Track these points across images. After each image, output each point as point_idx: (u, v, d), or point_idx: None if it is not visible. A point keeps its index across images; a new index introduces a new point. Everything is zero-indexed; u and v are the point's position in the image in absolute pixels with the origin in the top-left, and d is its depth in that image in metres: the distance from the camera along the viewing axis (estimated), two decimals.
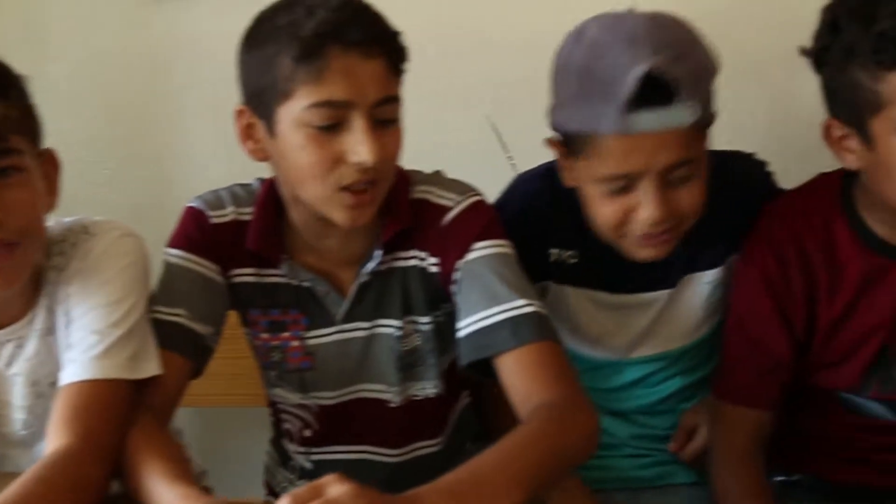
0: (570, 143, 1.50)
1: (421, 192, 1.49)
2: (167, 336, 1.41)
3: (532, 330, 1.37)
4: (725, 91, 1.59)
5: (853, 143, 1.44)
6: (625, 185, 1.46)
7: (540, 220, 1.56)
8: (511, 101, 1.99)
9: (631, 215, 1.48)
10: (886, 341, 1.54)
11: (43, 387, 1.45)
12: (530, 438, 1.26)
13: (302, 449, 1.60)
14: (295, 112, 1.34)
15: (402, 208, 1.47)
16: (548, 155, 1.60)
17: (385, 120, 1.36)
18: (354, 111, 1.33)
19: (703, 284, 1.63)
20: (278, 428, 1.64)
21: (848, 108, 1.42)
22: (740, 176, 1.62)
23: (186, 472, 1.28)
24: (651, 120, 1.40)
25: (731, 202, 1.58)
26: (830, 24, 1.42)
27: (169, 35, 2.15)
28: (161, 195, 2.13)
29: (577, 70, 1.45)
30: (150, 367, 1.38)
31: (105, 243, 1.45)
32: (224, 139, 1.56)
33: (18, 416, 1.47)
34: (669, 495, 1.71)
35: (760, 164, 1.68)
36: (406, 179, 1.50)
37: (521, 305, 1.38)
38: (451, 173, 1.61)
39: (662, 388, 1.70)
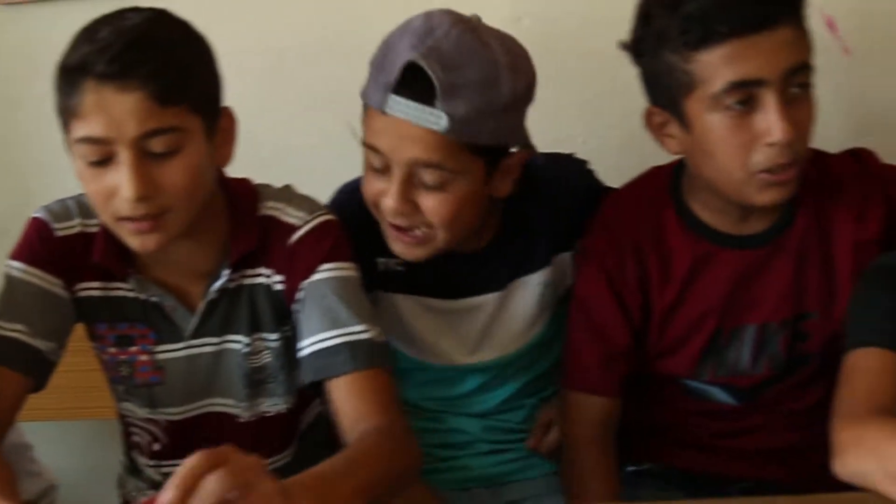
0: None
1: (270, 208, 1.49)
2: (2, 352, 1.40)
3: (367, 357, 1.40)
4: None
5: (673, 128, 1.50)
6: (382, 166, 1.49)
7: (365, 231, 1.56)
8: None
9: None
10: (718, 326, 1.60)
11: None
12: (372, 455, 1.28)
13: (152, 462, 1.60)
14: (71, 143, 1.34)
15: (250, 227, 1.47)
16: None
17: (160, 153, 1.32)
18: (117, 146, 1.31)
19: (532, 286, 1.66)
20: (128, 440, 1.63)
21: (665, 94, 1.48)
22: (560, 177, 1.66)
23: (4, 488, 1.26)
24: (402, 107, 1.43)
25: (553, 203, 1.63)
26: (643, 16, 1.49)
27: (28, 43, 2.12)
28: (23, 206, 2.10)
29: (381, 45, 1.49)
30: None
31: None
32: None
33: None
34: (530, 488, 1.75)
35: (580, 163, 1.73)
36: (255, 196, 1.50)
37: (359, 331, 1.41)
38: (318, 177, 1.63)
39: (505, 389, 1.74)
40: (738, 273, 1.58)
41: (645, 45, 1.49)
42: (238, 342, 1.50)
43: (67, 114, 1.32)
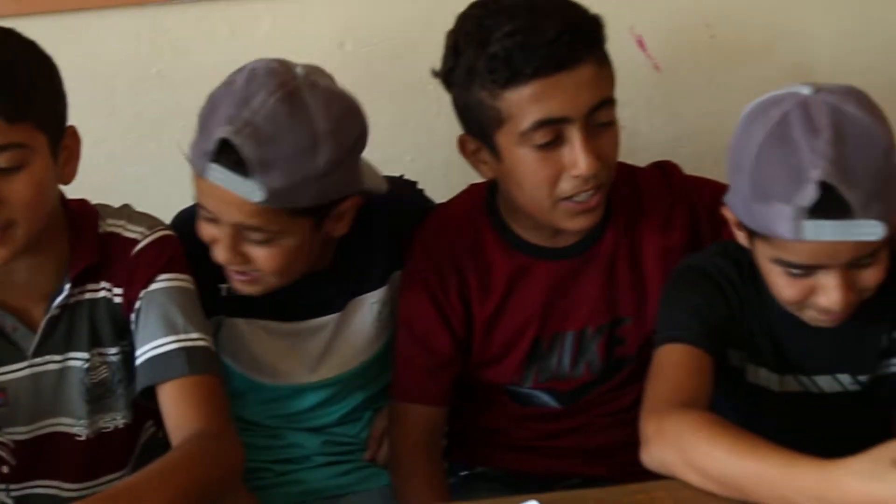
0: None
1: (110, 225, 1.53)
2: None
3: (201, 363, 1.45)
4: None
5: (485, 155, 1.56)
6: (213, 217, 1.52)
7: (205, 257, 1.57)
8: None
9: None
10: (538, 334, 1.67)
11: None
12: (185, 463, 1.34)
13: (2, 485, 1.57)
14: None
15: (91, 243, 1.50)
16: None
17: (5, 168, 1.36)
18: None
19: (370, 304, 1.71)
20: None
21: (476, 124, 1.54)
22: (392, 199, 1.71)
23: None
24: (220, 175, 1.45)
25: (386, 225, 1.68)
26: (453, 48, 1.54)
27: None
28: None
29: (207, 102, 1.53)
30: None
31: None
32: None
33: None
34: (367, 499, 1.79)
35: (411, 185, 1.80)
36: (95, 214, 1.54)
37: (195, 338, 1.46)
38: (151, 200, 1.66)
39: (344, 404, 1.78)
40: (554, 283, 1.65)
41: (455, 77, 1.54)
42: (79, 359, 1.52)
43: None
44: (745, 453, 1.26)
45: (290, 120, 1.45)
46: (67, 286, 1.48)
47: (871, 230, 1.31)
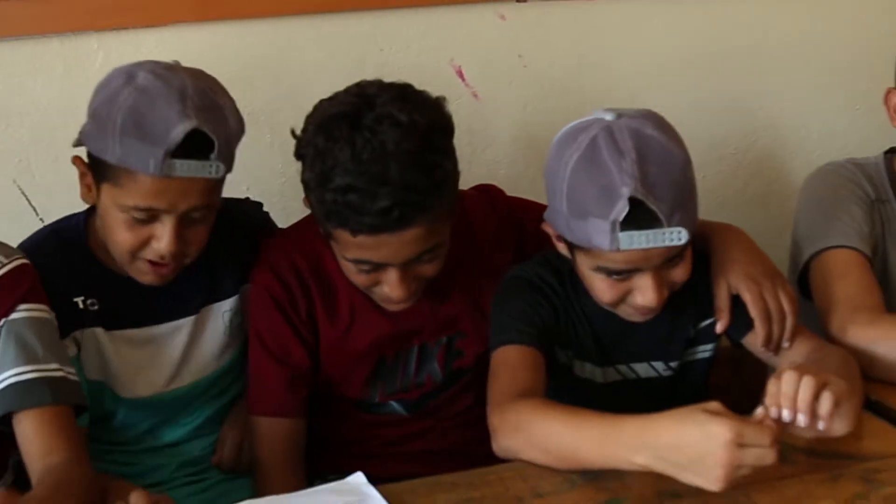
0: (100, 168, 1.62)
1: None
2: None
3: (62, 393, 1.49)
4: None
5: None
6: (147, 217, 1.60)
7: (60, 274, 1.65)
8: (34, 163, 2.06)
9: (149, 243, 1.63)
10: (381, 354, 1.78)
11: None
12: (71, 484, 1.40)
13: None
14: None
15: None
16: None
17: None
18: None
19: (222, 312, 1.80)
20: None
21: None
22: (242, 216, 1.84)
23: None
24: (188, 168, 1.57)
25: (237, 239, 1.78)
26: (302, 144, 1.64)
27: None
28: None
29: (125, 110, 1.57)
30: None
31: None
32: None
33: None
34: None
35: (258, 205, 1.90)
36: None
37: (54, 368, 1.50)
38: None
39: (196, 415, 1.84)
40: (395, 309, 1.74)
41: (305, 174, 1.63)
42: None
43: None
44: (575, 423, 1.42)
45: (218, 92, 1.67)
46: None
47: (677, 236, 1.49)
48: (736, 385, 1.91)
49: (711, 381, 1.80)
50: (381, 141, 1.53)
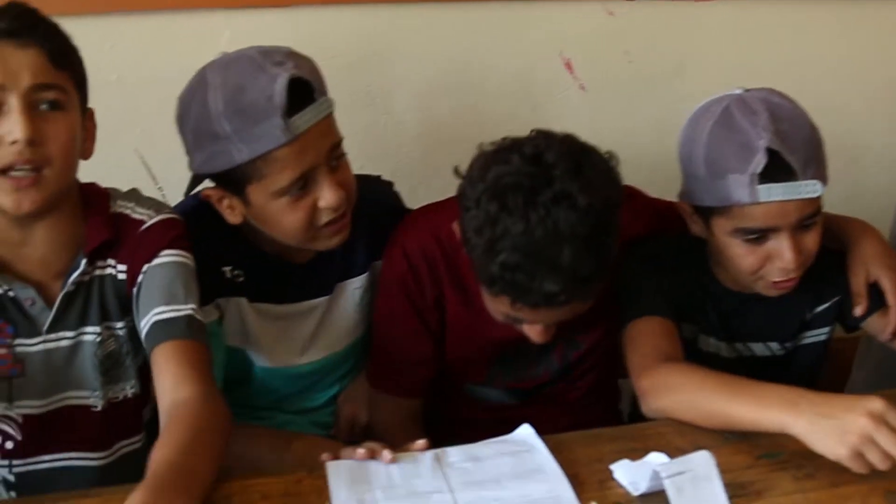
0: (236, 178, 1.62)
1: (120, 207, 1.60)
2: None
3: (196, 330, 1.53)
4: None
5: None
6: (305, 185, 1.62)
7: (210, 243, 1.67)
8: (158, 133, 2.09)
9: (316, 209, 1.65)
10: (504, 346, 1.81)
11: None
12: (209, 426, 1.41)
13: (4, 462, 1.60)
14: None
15: (104, 220, 1.57)
16: None
17: (47, 105, 1.45)
18: (9, 94, 1.42)
19: (353, 290, 1.84)
20: None
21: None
22: (375, 195, 1.86)
23: None
24: (307, 118, 1.58)
25: (369, 216, 1.80)
26: (468, 208, 1.57)
27: None
28: None
29: (223, 110, 1.57)
30: None
31: None
32: None
33: None
34: None
35: (389, 184, 1.94)
36: (105, 195, 1.60)
37: (193, 308, 1.54)
38: None
39: (329, 391, 1.90)
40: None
41: (468, 231, 1.59)
42: (91, 333, 1.57)
43: None
44: (728, 385, 1.49)
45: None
46: (83, 262, 1.54)
47: (812, 188, 1.58)
48: None
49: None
50: (556, 222, 1.48)
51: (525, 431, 1.50)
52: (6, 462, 1.60)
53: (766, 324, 1.79)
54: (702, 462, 1.32)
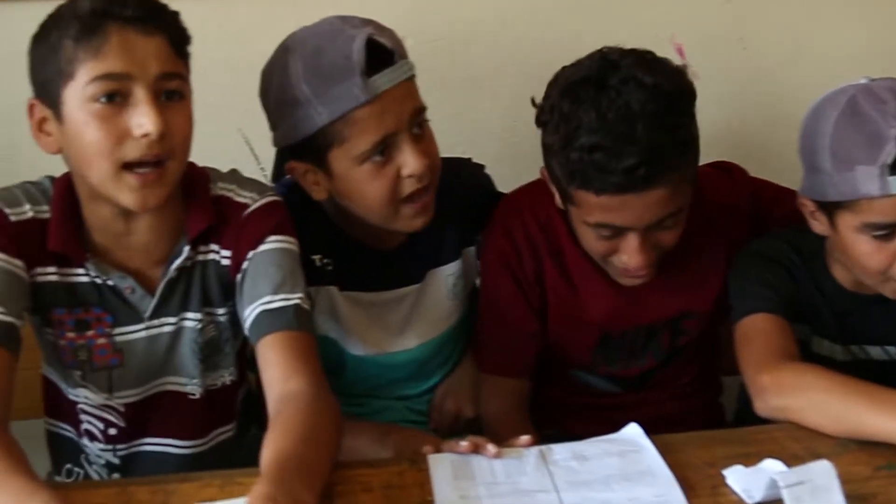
0: (320, 146, 1.60)
1: (221, 189, 1.57)
2: None
3: (304, 320, 1.50)
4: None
5: None
6: (386, 150, 1.59)
7: (299, 232, 1.63)
8: (260, 113, 2.08)
9: (400, 179, 1.61)
10: (607, 330, 1.79)
11: None
12: (322, 422, 1.38)
13: (108, 446, 1.61)
14: (78, 90, 1.38)
15: (206, 204, 1.53)
16: None
17: (170, 94, 1.42)
18: (136, 84, 1.38)
19: (446, 277, 1.81)
20: (77, 430, 1.63)
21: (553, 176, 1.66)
22: (466, 178, 1.83)
23: (18, 464, 1.29)
24: (387, 78, 1.56)
25: (460, 200, 1.77)
26: (545, 110, 1.63)
27: None
28: None
29: (303, 74, 1.57)
30: None
31: None
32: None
33: None
34: None
35: (480, 167, 1.89)
36: (206, 177, 1.56)
37: (298, 297, 1.50)
38: None
39: (426, 382, 1.87)
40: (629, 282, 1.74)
41: (543, 134, 1.64)
42: (192, 319, 1.56)
43: (75, 62, 1.37)
44: (862, 391, 1.43)
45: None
46: (186, 249, 1.52)
47: None
48: None
49: None
50: (627, 101, 1.53)
51: (633, 431, 1.46)
52: (110, 447, 1.61)
53: (886, 326, 1.71)
54: (822, 472, 1.26)
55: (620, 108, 1.53)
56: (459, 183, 1.79)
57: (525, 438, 1.46)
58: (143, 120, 1.37)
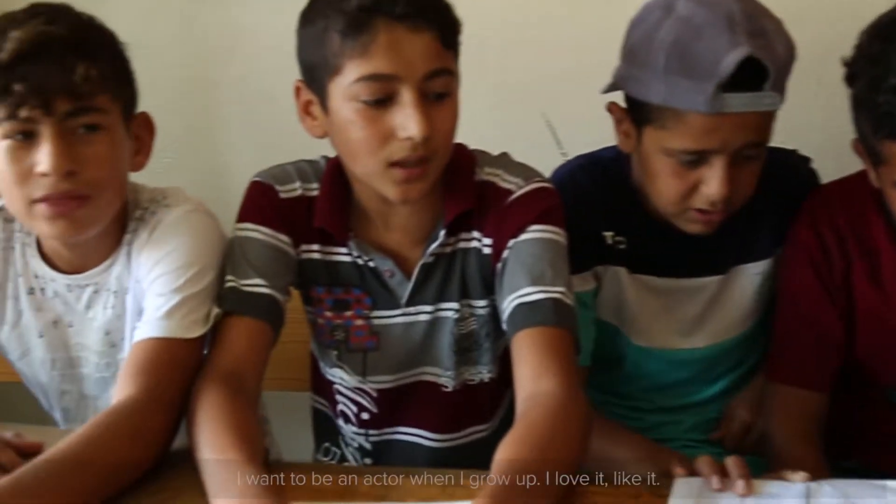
0: (640, 112, 1.53)
1: (487, 174, 1.51)
2: (251, 305, 1.43)
3: (563, 316, 1.40)
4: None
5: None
6: (697, 159, 1.49)
7: (592, 205, 1.58)
8: (564, 96, 2.03)
9: (698, 188, 1.51)
10: None
11: (115, 338, 1.52)
12: (566, 430, 1.29)
13: (361, 431, 1.61)
14: (344, 87, 1.36)
15: (467, 189, 1.49)
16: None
17: (437, 94, 1.37)
18: (402, 85, 1.35)
19: (753, 275, 1.66)
20: (333, 410, 1.64)
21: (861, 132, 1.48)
22: (787, 171, 1.66)
23: (237, 444, 1.27)
24: (742, 102, 1.43)
25: (778, 195, 1.62)
26: (854, 63, 1.46)
27: (224, 26, 2.19)
28: (218, 184, 2.15)
29: (667, 45, 1.46)
30: (199, 328, 1.41)
31: (174, 216, 1.49)
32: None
33: (93, 358, 1.54)
34: None
35: (805, 160, 1.71)
36: (472, 161, 1.52)
37: (559, 291, 1.41)
38: None
39: (715, 386, 1.73)
40: None
41: (856, 80, 1.47)
42: (450, 309, 1.52)
43: (342, 57, 1.35)
44: None
45: (765, 13, 1.51)
46: (442, 233, 1.48)
47: None
48: None
49: None
50: None
51: None
52: (363, 431, 1.61)
53: None
54: None
55: None
56: (780, 175, 1.63)
57: (801, 475, 1.29)
58: (408, 123, 1.35)
